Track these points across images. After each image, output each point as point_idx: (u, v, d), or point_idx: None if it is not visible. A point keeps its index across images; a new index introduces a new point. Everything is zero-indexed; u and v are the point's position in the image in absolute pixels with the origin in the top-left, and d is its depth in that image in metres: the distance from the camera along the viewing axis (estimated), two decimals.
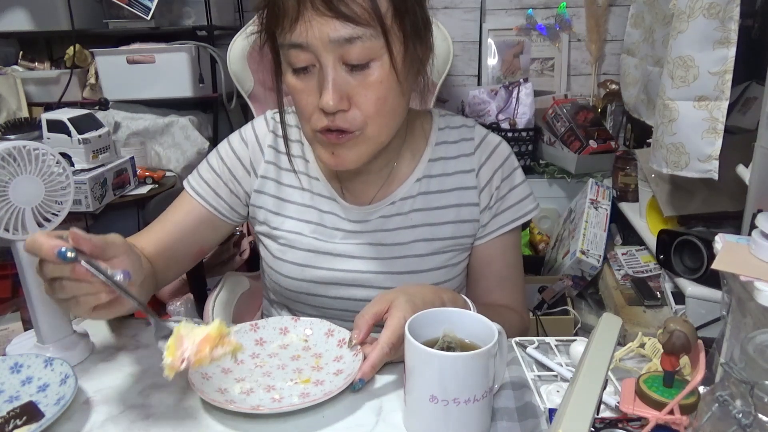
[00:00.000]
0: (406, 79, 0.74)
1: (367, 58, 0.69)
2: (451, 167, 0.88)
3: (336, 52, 0.68)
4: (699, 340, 0.51)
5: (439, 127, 0.90)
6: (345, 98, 0.70)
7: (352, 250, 0.86)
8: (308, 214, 0.88)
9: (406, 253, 0.86)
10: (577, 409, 0.45)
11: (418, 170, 0.87)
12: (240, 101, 2.08)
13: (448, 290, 0.78)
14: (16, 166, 0.65)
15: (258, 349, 0.74)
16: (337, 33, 0.66)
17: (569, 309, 1.75)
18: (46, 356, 0.68)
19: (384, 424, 0.62)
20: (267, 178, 0.89)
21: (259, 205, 0.89)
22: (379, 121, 0.73)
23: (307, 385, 0.68)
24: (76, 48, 2.06)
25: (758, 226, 0.64)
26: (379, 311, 0.69)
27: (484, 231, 0.89)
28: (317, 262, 0.86)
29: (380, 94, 0.71)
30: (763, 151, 1.09)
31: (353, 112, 0.71)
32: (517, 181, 0.89)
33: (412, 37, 0.72)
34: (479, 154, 0.88)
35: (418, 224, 0.87)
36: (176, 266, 0.90)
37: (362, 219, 0.87)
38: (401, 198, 0.87)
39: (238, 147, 0.90)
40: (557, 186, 2.13)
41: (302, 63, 0.70)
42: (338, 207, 0.87)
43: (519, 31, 2.32)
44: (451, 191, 0.87)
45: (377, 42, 0.68)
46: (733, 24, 1.13)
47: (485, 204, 0.88)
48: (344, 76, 0.70)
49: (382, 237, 0.86)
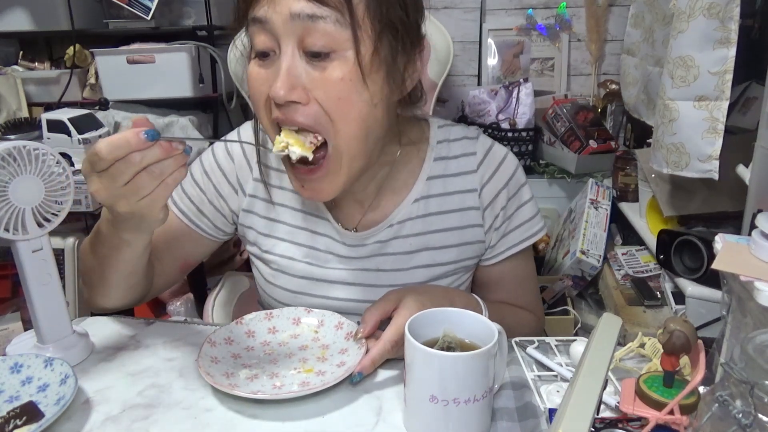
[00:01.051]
0: (378, 86, 0.67)
1: (328, 47, 0.63)
2: (451, 186, 0.82)
3: (295, 34, 0.63)
4: (699, 340, 0.51)
5: (437, 140, 0.83)
6: (300, 89, 0.64)
7: (347, 277, 0.82)
8: (300, 236, 0.83)
9: (405, 280, 0.82)
10: (577, 409, 0.45)
11: (415, 190, 0.81)
12: (240, 101, 2.08)
13: (461, 292, 0.77)
14: (16, 166, 0.65)
15: (270, 337, 0.76)
16: (299, 6, 0.61)
17: (569, 309, 1.75)
18: (46, 356, 0.68)
19: (384, 424, 0.61)
20: (256, 197, 0.84)
21: (249, 225, 0.85)
22: (347, 129, 0.66)
23: (309, 374, 0.68)
24: (76, 48, 2.06)
25: (758, 226, 0.64)
26: (388, 308, 0.69)
27: (492, 252, 0.85)
28: (311, 289, 0.83)
29: (342, 93, 0.64)
30: (763, 151, 1.08)
31: (314, 108, 0.65)
32: (525, 199, 0.84)
33: (387, 38, 0.66)
34: (482, 171, 0.82)
35: (418, 249, 0.82)
36: (162, 277, 0.86)
37: (358, 243, 0.82)
38: (399, 221, 0.81)
39: (223, 161, 0.84)
40: (557, 186, 2.13)
41: (262, 45, 0.65)
42: (332, 229, 0.82)
43: (519, 31, 2.32)
44: (453, 212, 0.82)
45: (343, 32, 0.63)
46: (733, 24, 1.13)
47: (489, 224, 0.83)
48: (302, 64, 0.64)
49: (380, 262, 0.82)
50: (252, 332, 0.76)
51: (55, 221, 0.70)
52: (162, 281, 0.87)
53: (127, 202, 0.59)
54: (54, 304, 0.72)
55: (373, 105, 0.67)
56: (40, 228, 0.69)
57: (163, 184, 0.59)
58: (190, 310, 1.78)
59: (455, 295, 0.74)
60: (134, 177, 0.58)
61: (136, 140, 0.56)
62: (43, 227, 0.69)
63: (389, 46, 0.67)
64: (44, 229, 0.69)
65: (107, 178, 0.58)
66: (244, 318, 0.77)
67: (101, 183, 0.59)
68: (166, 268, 0.86)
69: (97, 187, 0.59)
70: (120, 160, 0.57)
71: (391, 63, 0.68)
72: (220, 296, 1.14)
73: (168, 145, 0.58)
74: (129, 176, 0.57)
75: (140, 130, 0.56)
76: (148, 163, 0.57)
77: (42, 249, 0.70)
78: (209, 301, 1.11)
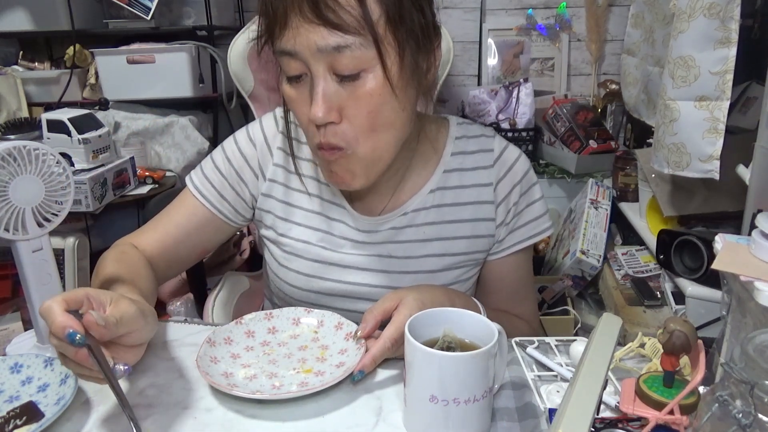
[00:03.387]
0: (405, 92, 0.69)
1: (357, 69, 0.65)
2: (467, 179, 0.84)
3: (325, 61, 0.65)
4: (699, 340, 0.51)
5: (455, 136, 0.86)
6: (335, 110, 0.67)
7: (361, 262, 0.84)
8: (316, 221, 0.85)
9: (416, 268, 0.83)
10: (577, 409, 0.45)
11: (432, 181, 0.84)
12: (240, 101, 2.08)
13: (462, 294, 0.78)
14: (16, 166, 0.65)
15: (269, 338, 0.76)
16: (324, 41, 0.64)
17: (569, 309, 1.75)
18: (46, 356, 0.68)
19: (384, 424, 0.61)
20: (275, 181, 0.86)
21: (267, 209, 0.87)
22: (372, 138, 0.69)
23: (308, 375, 0.68)
24: (76, 48, 2.06)
25: (758, 226, 0.64)
26: (388, 308, 0.69)
27: (499, 247, 0.86)
28: (324, 273, 0.84)
29: (372, 107, 0.67)
30: (763, 151, 1.09)
31: (343, 126, 0.68)
32: (536, 197, 0.86)
33: (409, 46, 0.68)
34: (498, 167, 0.84)
35: (430, 238, 0.84)
36: (177, 266, 0.90)
37: (372, 229, 0.84)
38: (414, 209, 0.84)
39: (245, 147, 0.87)
40: (557, 186, 2.13)
41: (294, 71, 0.68)
42: (347, 215, 0.85)
43: (519, 31, 2.32)
44: (467, 205, 0.84)
45: (368, 52, 0.65)
46: (733, 24, 1.13)
47: (501, 219, 0.85)
48: (335, 86, 0.67)
49: (393, 249, 0.84)
50: (252, 332, 0.76)
51: (55, 221, 0.70)
52: (177, 268, 0.91)
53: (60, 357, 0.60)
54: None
55: (401, 110, 0.70)
56: (40, 228, 0.69)
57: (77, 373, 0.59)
58: (190, 310, 1.78)
59: (455, 296, 0.74)
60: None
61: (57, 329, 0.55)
62: (43, 227, 0.69)
63: (412, 51, 0.69)
64: (44, 229, 0.69)
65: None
66: (243, 318, 0.77)
67: None
68: (183, 255, 0.89)
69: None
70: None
71: (414, 66, 0.70)
72: (220, 296, 1.14)
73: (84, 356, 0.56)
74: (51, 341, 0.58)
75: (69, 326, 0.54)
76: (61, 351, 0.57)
77: (42, 249, 0.70)
78: (209, 301, 1.11)
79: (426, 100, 0.78)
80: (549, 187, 2.13)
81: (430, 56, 0.73)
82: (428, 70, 0.73)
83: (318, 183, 0.86)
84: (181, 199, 0.88)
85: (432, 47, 0.73)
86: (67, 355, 0.57)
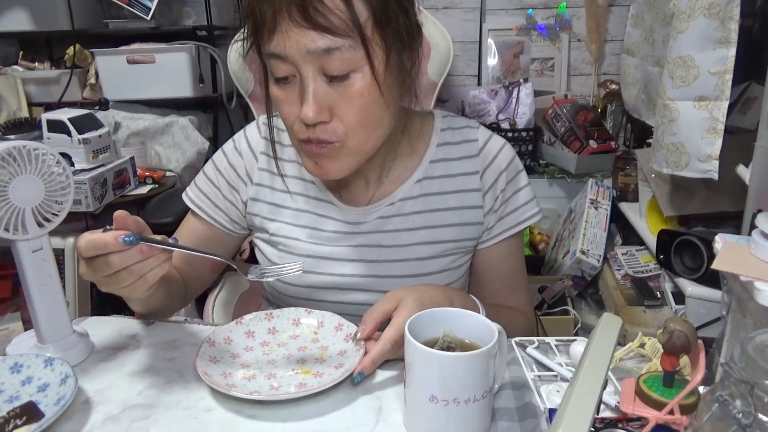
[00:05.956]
0: (390, 90, 0.72)
1: (347, 70, 0.67)
2: (453, 169, 0.86)
3: (315, 63, 0.67)
4: (699, 340, 0.51)
5: (441, 128, 0.88)
6: (325, 110, 0.69)
7: (350, 253, 0.85)
8: (304, 218, 0.87)
9: (406, 256, 0.85)
10: (577, 409, 0.45)
11: (418, 171, 0.86)
12: (240, 101, 2.08)
13: (460, 292, 0.78)
14: (16, 166, 0.65)
15: (269, 338, 0.76)
16: (314, 44, 0.65)
17: (569, 309, 1.75)
18: (46, 356, 0.68)
19: (384, 424, 0.62)
20: (261, 185, 0.88)
21: (255, 212, 0.89)
22: (361, 133, 0.72)
23: (307, 376, 0.68)
24: (76, 48, 2.06)
25: (758, 226, 0.64)
26: (388, 309, 0.70)
27: (489, 234, 0.88)
28: (316, 267, 0.85)
29: (361, 105, 0.70)
30: (763, 151, 1.09)
31: (334, 124, 0.70)
32: (522, 184, 0.88)
33: (395, 46, 0.70)
34: (483, 156, 0.86)
35: (418, 227, 0.85)
36: (196, 281, 0.93)
37: (359, 220, 0.86)
38: (400, 198, 0.85)
39: (233, 157, 0.90)
40: (557, 186, 2.13)
41: (283, 73, 0.69)
42: (334, 209, 0.86)
43: (519, 31, 2.32)
44: (454, 193, 0.86)
45: (357, 53, 0.67)
46: (733, 24, 1.13)
47: (490, 207, 0.86)
48: (324, 87, 0.69)
49: (380, 238, 0.85)
50: (252, 332, 0.76)
51: (55, 221, 0.70)
52: (197, 284, 0.94)
53: (108, 288, 0.65)
54: (54, 304, 0.72)
55: (387, 107, 0.73)
56: (40, 228, 0.69)
57: (142, 279, 0.63)
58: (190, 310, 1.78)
59: (454, 295, 0.74)
60: (115, 273, 0.61)
61: (114, 244, 0.59)
62: (43, 227, 0.69)
63: (397, 51, 0.71)
64: (44, 229, 0.69)
65: (90, 267, 0.62)
66: (243, 318, 0.77)
67: (86, 268, 0.63)
68: (198, 271, 0.92)
69: (83, 270, 0.64)
70: (100, 257, 0.60)
71: (400, 65, 0.73)
72: (220, 296, 1.14)
73: (148, 249, 0.61)
74: (109, 272, 0.61)
75: (120, 234, 0.59)
76: (127, 264, 0.61)
77: (42, 249, 0.70)
78: (209, 301, 1.11)
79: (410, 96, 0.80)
80: (549, 187, 2.13)
81: (414, 54, 0.75)
82: (412, 67, 0.76)
83: (304, 182, 0.88)
84: (185, 220, 0.93)
85: (415, 45, 0.75)
86: (131, 262, 0.60)
